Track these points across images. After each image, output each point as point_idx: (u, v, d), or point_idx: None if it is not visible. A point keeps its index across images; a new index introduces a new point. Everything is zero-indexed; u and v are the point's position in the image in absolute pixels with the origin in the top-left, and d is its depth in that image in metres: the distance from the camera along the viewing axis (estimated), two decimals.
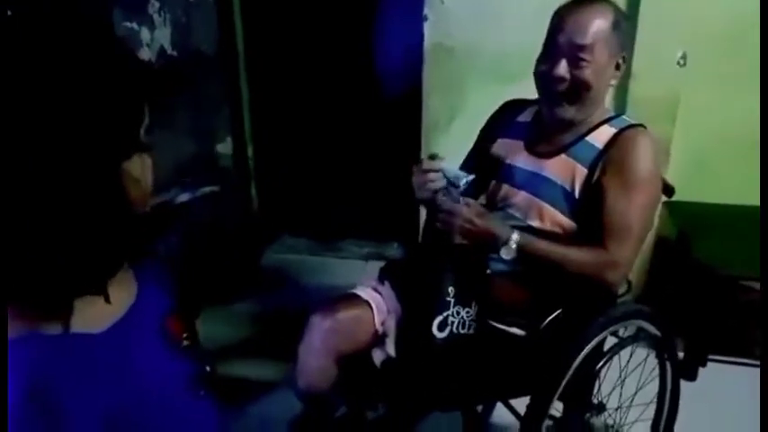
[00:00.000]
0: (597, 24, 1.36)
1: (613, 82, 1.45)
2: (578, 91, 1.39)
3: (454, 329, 1.40)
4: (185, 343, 0.81)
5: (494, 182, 1.57)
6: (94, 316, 0.70)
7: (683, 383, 1.64)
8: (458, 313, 1.40)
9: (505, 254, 1.34)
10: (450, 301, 1.39)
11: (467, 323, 1.41)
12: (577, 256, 1.36)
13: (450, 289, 1.40)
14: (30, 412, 0.61)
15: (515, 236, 1.34)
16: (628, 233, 1.36)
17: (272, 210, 3.36)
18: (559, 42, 1.38)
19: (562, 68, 1.37)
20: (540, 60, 1.43)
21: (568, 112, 1.42)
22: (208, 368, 0.90)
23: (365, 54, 3.03)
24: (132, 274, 0.78)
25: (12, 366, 0.62)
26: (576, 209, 1.42)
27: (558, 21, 1.40)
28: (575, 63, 1.37)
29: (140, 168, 0.69)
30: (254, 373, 2.23)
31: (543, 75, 1.42)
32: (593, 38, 1.35)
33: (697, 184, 2.38)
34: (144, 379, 0.72)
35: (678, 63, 2.38)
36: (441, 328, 1.39)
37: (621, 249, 1.36)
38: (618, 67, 1.43)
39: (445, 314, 1.39)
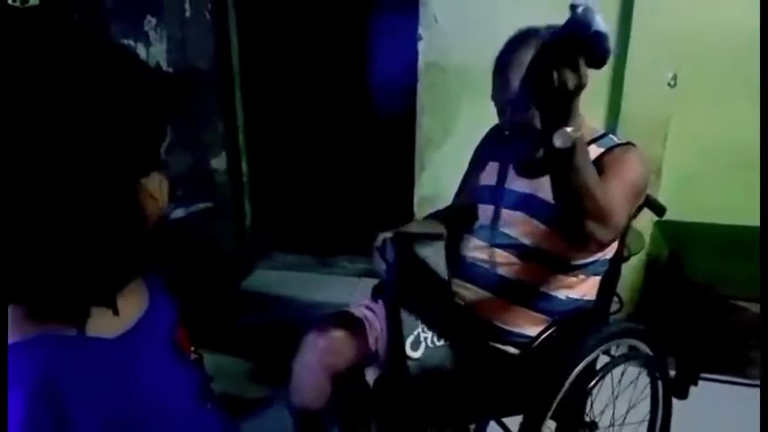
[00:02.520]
0: (521, 75, 1.34)
1: None
2: (534, 138, 1.40)
3: (429, 344, 1.41)
4: (194, 356, 0.82)
5: (488, 204, 1.58)
6: (108, 322, 0.71)
7: (675, 402, 1.64)
8: (428, 328, 1.41)
9: (559, 139, 1.17)
10: (417, 320, 1.40)
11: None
12: (601, 188, 1.24)
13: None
14: (39, 412, 0.61)
15: (580, 131, 1.17)
16: (611, 208, 1.26)
17: (266, 225, 3.36)
18: (498, 99, 1.41)
19: (509, 126, 1.40)
20: (497, 112, 1.45)
21: (533, 154, 1.45)
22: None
23: (360, 71, 3.05)
24: (144, 284, 0.80)
25: (24, 366, 0.63)
26: None
27: (492, 77, 1.42)
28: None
29: (158, 185, 0.70)
30: (245, 390, 2.22)
31: (502, 126, 1.45)
32: (522, 89, 1.35)
33: (688, 204, 2.41)
34: (152, 387, 0.73)
35: (669, 84, 2.41)
36: (414, 347, 1.39)
37: (613, 214, 1.28)
38: None
39: (416, 332, 1.40)
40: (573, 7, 1.06)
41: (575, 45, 1.07)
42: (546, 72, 1.09)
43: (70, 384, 0.64)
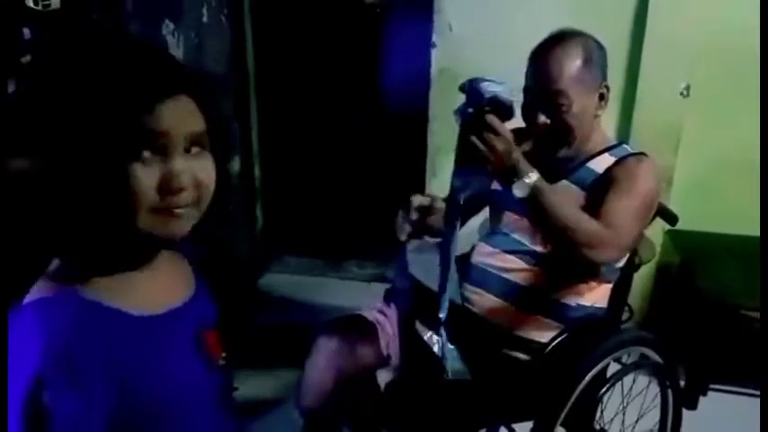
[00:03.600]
0: (567, 66, 1.35)
1: (600, 113, 1.44)
2: (560, 134, 1.40)
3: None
4: (222, 362, 0.83)
5: (499, 208, 1.59)
6: (152, 298, 0.75)
7: (684, 412, 1.64)
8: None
9: (518, 190, 1.27)
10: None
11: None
12: (582, 217, 1.32)
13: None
14: (55, 371, 0.64)
15: (535, 176, 1.27)
16: (623, 223, 1.34)
17: (277, 229, 3.38)
18: (534, 89, 1.40)
19: (540, 115, 1.39)
20: (523, 104, 1.43)
21: (555, 152, 1.43)
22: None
23: (373, 78, 3.08)
24: (192, 274, 0.84)
25: (46, 321, 0.66)
26: None
27: (531, 65, 1.42)
28: (551, 108, 1.37)
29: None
30: (255, 391, 2.23)
31: (525, 120, 1.43)
32: (564, 82, 1.35)
33: (699, 213, 2.40)
34: (174, 374, 0.76)
35: (681, 94, 2.41)
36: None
37: (617, 232, 1.33)
38: (602, 97, 1.43)
39: (428, 334, 1.40)
40: (461, 88, 1.22)
41: (480, 114, 1.19)
42: (471, 147, 1.19)
43: (89, 348, 0.67)
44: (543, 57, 1.39)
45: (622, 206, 1.35)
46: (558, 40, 1.40)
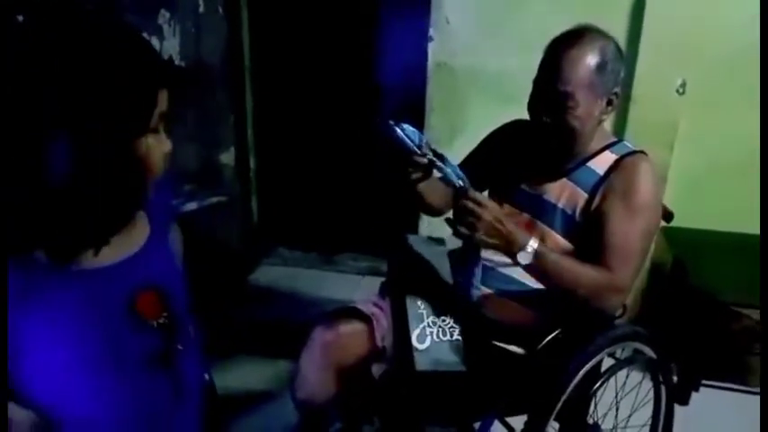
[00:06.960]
0: (581, 70, 1.31)
1: (605, 117, 1.41)
2: (561, 133, 1.37)
3: (435, 338, 1.41)
4: (161, 320, 0.87)
5: (499, 198, 1.58)
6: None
7: (676, 408, 1.65)
8: (434, 323, 1.42)
9: (523, 258, 1.31)
10: (422, 314, 1.42)
11: (447, 330, 1.43)
12: (584, 271, 1.34)
13: (420, 302, 1.43)
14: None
15: (533, 242, 1.31)
16: (628, 257, 1.35)
17: (271, 222, 3.37)
18: (543, 84, 1.37)
19: (544, 112, 1.36)
20: (530, 95, 1.41)
21: (555, 148, 1.42)
22: (207, 376, 0.93)
23: (369, 70, 3.07)
24: (149, 225, 0.91)
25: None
26: (577, 233, 1.43)
27: (545, 60, 1.38)
28: (557, 108, 1.34)
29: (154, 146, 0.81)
30: (249, 384, 2.23)
31: (529, 111, 1.42)
32: (574, 85, 1.31)
33: (693, 211, 2.41)
34: (97, 330, 0.81)
35: (677, 91, 2.42)
36: (420, 339, 1.40)
37: (622, 272, 1.34)
38: (610, 102, 1.39)
39: (422, 326, 1.41)
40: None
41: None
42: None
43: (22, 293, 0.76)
44: (558, 53, 1.34)
45: (628, 236, 1.35)
46: (578, 38, 1.34)
